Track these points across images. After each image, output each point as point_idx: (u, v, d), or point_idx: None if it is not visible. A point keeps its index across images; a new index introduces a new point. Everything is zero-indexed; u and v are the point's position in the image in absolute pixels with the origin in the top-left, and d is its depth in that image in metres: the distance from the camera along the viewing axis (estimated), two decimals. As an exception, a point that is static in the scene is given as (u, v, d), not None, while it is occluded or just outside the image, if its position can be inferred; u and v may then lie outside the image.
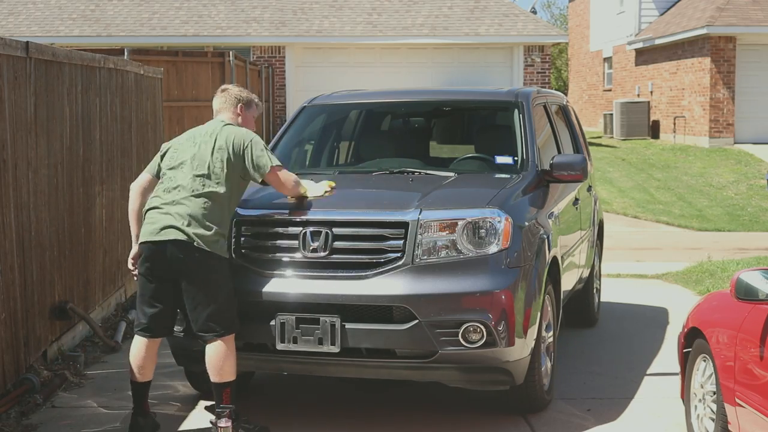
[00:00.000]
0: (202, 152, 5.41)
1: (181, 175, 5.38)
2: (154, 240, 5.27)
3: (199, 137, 5.52)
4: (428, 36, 23.76)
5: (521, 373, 5.46)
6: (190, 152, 5.44)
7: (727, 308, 4.79)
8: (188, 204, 5.27)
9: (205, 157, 5.39)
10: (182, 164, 5.41)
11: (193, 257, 5.21)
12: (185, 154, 5.44)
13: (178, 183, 5.36)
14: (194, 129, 5.67)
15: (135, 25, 23.82)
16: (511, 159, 6.56)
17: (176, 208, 5.27)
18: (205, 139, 5.48)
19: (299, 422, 5.72)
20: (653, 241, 13.70)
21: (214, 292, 5.26)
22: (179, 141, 5.59)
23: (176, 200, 5.30)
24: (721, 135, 22.84)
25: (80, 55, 7.33)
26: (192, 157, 5.41)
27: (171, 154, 5.52)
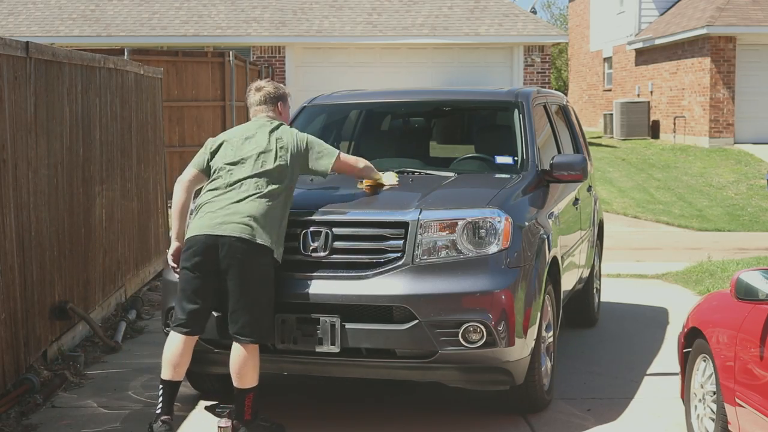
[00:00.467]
0: (264, 150, 5.39)
1: (242, 171, 5.33)
2: (212, 234, 5.17)
3: (257, 135, 5.48)
4: (428, 36, 23.76)
5: (521, 373, 5.46)
6: (250, 149, 5.39)
7: (727, 308, 4.79)
8: (252, 202, 5.23)
9: (269, 156, 5.37)
10: (243, 160, 5.36)
11: (250, 256, 5.15)
12: (245, 151, 5.39)
13: (239, 179, 5.31)
14: (245, 126, 5.62)
15: (135, 25, 23.83)
16: (511, 159, 6.56)
17: (240, 205, 5.22)
18: (265, 138, 5.46)
19: (299, 422, 5.72)
20: (653, 241, 13.70)
21: (260, 294, 5.19)
22: (234, 136, 5.52)
23: (240, 197, 5.25)
24: (721, 135, 22.84)
25: (80, 55, 7.34)
26: (255, 155, 5.37)
27: (227, 151, 5.44)
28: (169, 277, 5.77)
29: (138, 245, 9.11)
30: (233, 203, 5.23)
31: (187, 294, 5.26)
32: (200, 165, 5.52)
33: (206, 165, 5.50)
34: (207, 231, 5.18)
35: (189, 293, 5.25)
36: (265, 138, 5.46)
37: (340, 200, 5.96)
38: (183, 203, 5.46)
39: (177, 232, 5.47)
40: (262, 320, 5.19)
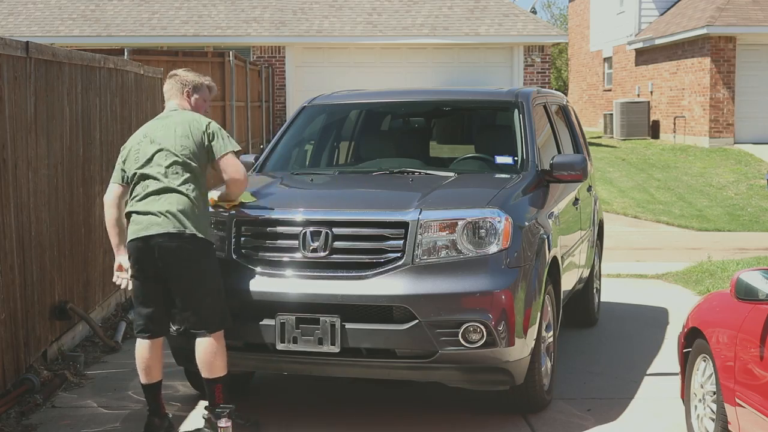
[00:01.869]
0: (165, 143, 5.32)
1: (152, 171, 5.29)
2: (141, 236, 5.22)
3: (155, 130, 5.42)
4: (428, 36, 23.76)
5: (521, 373, 5.46)
6: (152, 147, 5.34)
7: (727, 308, 4.79)
8: (168, 195, 5.23)
9: (171, 147, 5.30)
10: (149, 161, 5.32)
11: (182, 247, 5.19)
12: (148, 151, 5.34)
13: (151, 178, 5.28)
14: (145, 126, 5.56)
15: (135, 25, 23.83)
16: (511, 159, 6.56)
17: (158, 202, 5.23)
18: (164, 131, 5.39)
19: (299, 422, 5.72)
20: (653, 241, 13.70)
21: (203, 284, 5.26)
22: (136, 140, 5.46)
23: (156, 195, 5.25)
24: (721, 135, 22.84)
25: (80, 55, 7.34)
26: (157, 151, 5.32)
27: (133, 156, 5.40)
28: None
29: (138, 245, 9.10)
30: (153, 202, 5.22)
31: (140, 300, 5.35)
32: (117, 178, 5.46)
33: (122, 175, 5.44)
34: (138, 234, 5.22)
35: (141, 298, 5.34)
36: (165, 131, 5.36)
37: (340, 200, 5.97)
38: (113, 219, 5.42)
39: (116, 246, 5.44)
40: (212, 309, 5.27)
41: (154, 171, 5.29)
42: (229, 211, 5.60)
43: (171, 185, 5.24)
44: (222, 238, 5.57)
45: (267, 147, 7.10)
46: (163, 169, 5.27)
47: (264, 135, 21.68)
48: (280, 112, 23.61)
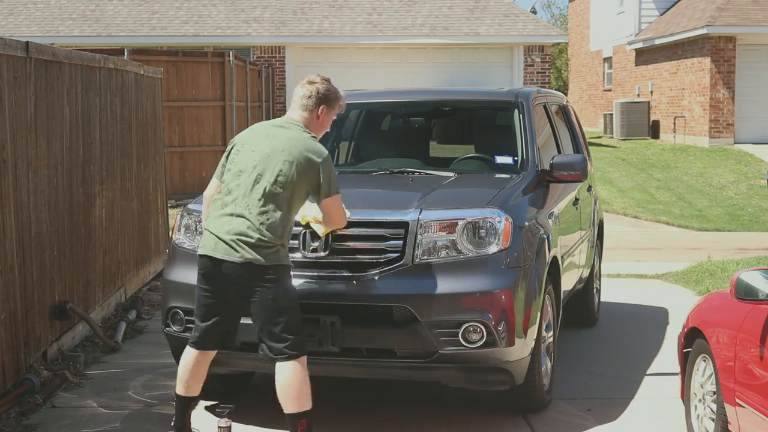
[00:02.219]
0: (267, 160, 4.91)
1: (241, 183, 4.96)
2: (215, 257, 4.91)
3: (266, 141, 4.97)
4: (428, 36, 23.76)
5: (521, 373, 5.46)
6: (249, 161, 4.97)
7: (727, 308, 4.79)
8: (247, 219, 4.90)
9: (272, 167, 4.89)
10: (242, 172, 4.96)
11: (260, 278, 4.84)
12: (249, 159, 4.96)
13: (237, 191, 4.96)
14: (256, 128, 5.14)
15: (135, 25, 23.83)
16: (511, 159, 6.56)
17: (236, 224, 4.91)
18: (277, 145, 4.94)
19: (299, 422, 5.71)
20: (653, 241, 13.70)
21: (287, 308, 4.90)
22: (244, 140, 5.06)
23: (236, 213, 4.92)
24: (721, 135, 22.84)
25: (80, 55, 7.33)
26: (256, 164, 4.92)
27: (234, 157, 5.06)
28: (170, 277, 5.76)
29: (138, 245, 9.11)
30: (226, 223, 4.85)
31: (204, 312, 5.03)
32: (219, 174, 5.11)
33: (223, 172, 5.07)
34: (210, 253, 4.88)
35: (205, 312, 5.03)
36: (275, 145, 4.92)
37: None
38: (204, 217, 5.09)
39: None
40: (297, 332, 4.91)
41: (241, 184, 4.89)
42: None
43: (253, 207, 4.83)
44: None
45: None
46: (250, 186, 4.85)
47: (264, 135, 21.65)
48: (280, 112, 23.61)
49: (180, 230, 5.81)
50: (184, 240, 5.76)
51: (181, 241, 5.78)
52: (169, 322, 5.68)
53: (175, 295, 5.64)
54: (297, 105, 5.09)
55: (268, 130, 5.05)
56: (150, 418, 5.82)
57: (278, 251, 4.85)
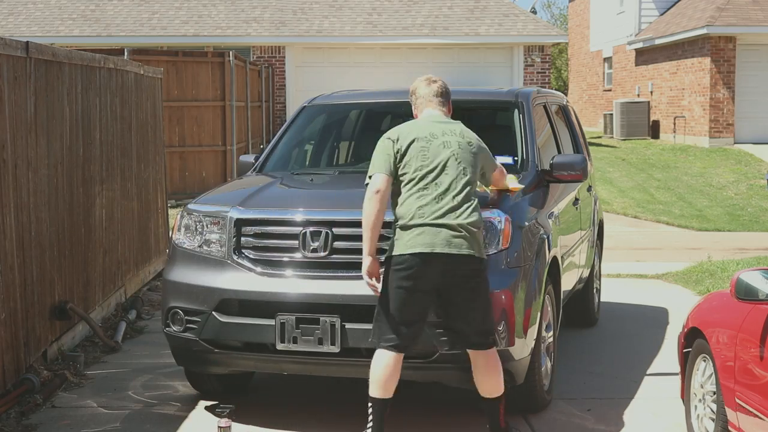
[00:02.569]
0: (457, 152, 5.03)
1: (442, 178, 4.97)
2: (432, 252, 4.88)
3: (446, 135, 5.08)
4: (428, 36, 23.76)
5: (521, 373, 5.46)
6: (445, 151, 5.02)
7: (727, 308, 4.79)
8: (461, 212, 4.95)
9: (463, 158, 5.03)
10: (439, 165, 4.99)
11: (471, 269, 4.94)
12: (441, 154, 5.01)
13: (441, 185, 4.96)
14: (424, 122, 5.16)
15: (135, 25, 23.83)
16: (511, 159, 6.55)
17: (452, 218, 4.91)
18: (455, 138, 5.09)
19: (299, 422, 5.72)
20: (653, 241, 13.70)
21: (486, 299, 5.05)
22: (420, 135, 5.05)
23: (448, 207, 4.93)
24: (721, 135, 22.84)
25: (80, 55, 7.34)
26: (451, 157, 5.01)
27: (418, 153, 5.00)
28: (170, 277, 5.76)
29: (138, 245, 9.12)
30: (441, 215, 4.90)
31: (404, 315, 4.91)
32: (389, 169, 4.99)
33: (394, 168, 5.01)
34: (424, 249, 4.86)
35: (406, 315, 4.92)
36: (455, 138, 5.08)
37: (340, 200, 5.96)
38: (378, 215, 4.92)
39: (371, 248, 4.96)
40: (492, 322, 5.09)
41: (443, 179, 4.96)
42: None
43: (460, 199, 4.94)
44: (221, 238, 5.57)
45: (267, 147, 7.10)
46: (452, 179, 4.96)
47: (264, 135, 21.68)
48: (280, 112, 23.61)
49: (180, 230, 5.81)
50: (184, 240, 5.76)
51: (181, 241, 5.78)
52: (169, 322, 5.68)
53: (175, 295, 5.64)
54: (432, 102, 5.29)
55: (435, 127, 5.14)
56: (150, 418, 5.82)
57: (481, 241, 5.04)
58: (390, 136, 5.09)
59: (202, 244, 5.66)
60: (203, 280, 5.55)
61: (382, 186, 4.93)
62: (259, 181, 6.38)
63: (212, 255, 5.59)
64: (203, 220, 5.70)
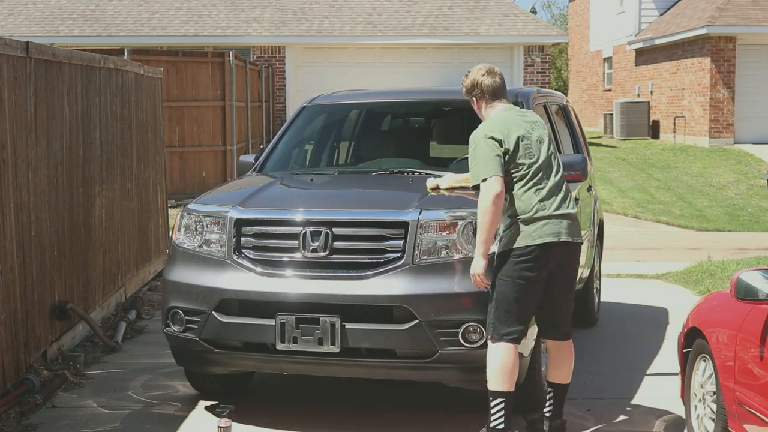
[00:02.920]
0: (550, 144, 5.28)
1: (547, 172, 5.18)
2: (551, 242, 5.05)
3: (535, 129, 5.25)
4: (428, 36, 23.76)
5: (521, 373, 5.45)
6: (541, 146, 5.20)
7: (727, 308, 4.79)
8: (568, 202, 5.21)
9: (552, 151, 5.27)
10: (540, 159, 5.17)
11: (576, 257, 5.31)
12: (539, 148, 5.19)
13: (547, 179, 5.18)
14: (509, 118, 5.23)
15: (135, 25, 23.83)
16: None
17: (563, 209, 5.14)
18: (543, 131, 5.28)
19: (299, 422, 5.72)
20: (653, 241, 13.70)
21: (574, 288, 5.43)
22: (520, 132, 5.17)
23: (559, 199, 5.15)
24: (721, 135, 22.84)
25: (80, 55, 7.34)
26: (546, 150, 5.21)
27: (522, 150, 5.13)
28: (170, 277, 5.76)
29: (138, 245, 9.12)
30: (558, 206, 5.12)
31: (525, 305, 5.07)
32: (501, 170, 5.05)
33: (503, 168, 5.08)
34: (552, 239, 5.05)
35: (526, 304, 5.08)
36: (543, 132, 5.27)
37: (340, 200, 5.97)
38: (497, 219, 5.01)
39: (487, 250, 5.03)
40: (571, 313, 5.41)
41: (547, 173, 5.17)
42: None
43: (562, 191, 5.20)
44: (221, 238, 5.57)
45: (267, 147, 7.11)
46: (554, 173, 5.20)
47: (264, 135, 21.68)
48: (280, 112, 23.61)
49: (180, 230, 5.81)
50: (184, 240, 5.76)
51: (181, 241, 5.78)
52: (169, 322, 5.68)
53: (175, 295, 5.64)
54: (498, 94, 5.36)
55: (519, 118, 5.27)
56: (150, 418, 5.82)
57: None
58: (494, 136, 5.11)
59: (202, 244, 5.66)
60: (203, 280, 5.55)
61: (500, 188, 5.00)
62: (259, 181, 6.38)
63: (212, 255, 5.59)
64: (203, 220, 5.70)
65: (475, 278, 5.07)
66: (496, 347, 5.06)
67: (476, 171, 5.07)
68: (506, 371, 5.04)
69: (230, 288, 5.44)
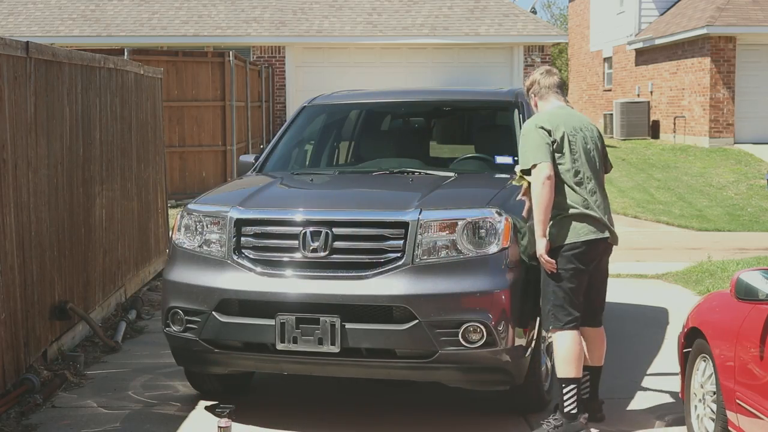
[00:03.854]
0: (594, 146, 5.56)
1: (589, 168, 5.48)
2: (599, 237, 5.41)
3: (583, 128, 5.54)
4: (428, 36, 23.75)
5: (521, 373, 5.46)
6: (587, 145, 5.49)
7: (727, 308, 4.79)
8: (605, 199, 5.57)
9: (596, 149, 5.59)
10: (584, 155, 5.47)
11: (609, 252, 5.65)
12: (584, 146, 5.48)
13: (590, 176, 5.47)
14: (559, 113, 5.53)
15: (135, 25, 23.82)
16: (510, 159, 6.56)
17: (604, 204, 5.53)
18: (591, 130, 5.58)
19: (299, 422, 5.72)
20: (653, 241, 13.69)
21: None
22: (567, 127, 5.46)
23: (600, 195, 5.49)
24: (721, 135, 22.83)
25: (80, 55, 7.34)
26: (592, 148, 5.52)
27: (569, 145, 5.43)
28: (170, 277, 5.76)
29: (138, 245, 9.12)
30: (600, 202, 5.46)
31: (578, 293, 5.38)
32: (550, 157, 5.36)
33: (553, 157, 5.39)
34: (595, 236, 5.38)
35: (579, 293, 5.39)
36: (589, 133, 5.53)
37: (340, 200, 5.97)
38: (550, 200, 5.32)
39: (544, 229, 5.34)
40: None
41: (589, 169, 5.44)
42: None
43: (601, 188, 5.51)
44: (221, 238, 5.57)
45: (267, 147, 7.11)
46: (595, 169, 5.48)
47: (264, 135, 21.68)
48: (280, 112, 23.61)
49: (180, 230, 5.81)
50: (184, 240, 5.76)
51: (181, 241, 5.78)
52: (169, 322, 5.68)
53: (175, 295, 5.64)
54: (555, 92, 5.66)
55: (573, 119, 5.53)
56: (150, 418, 5.82)
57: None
58: (543, 126, 5.41)
59: (202, 244, 5.66)
60: (203, 280, 5.55)
61: (550, 172, 5.30)
62: (259, 181, 6.38)
63: (212, 255, 5.59)
64: (203, 220, 5.70)
65: (541, 260, 5.35)
66: (561, 336, 5.36)
67: (526, 157, 5.39)
68: (575, 356, 5.33)
69: (230, 288, 5.43)
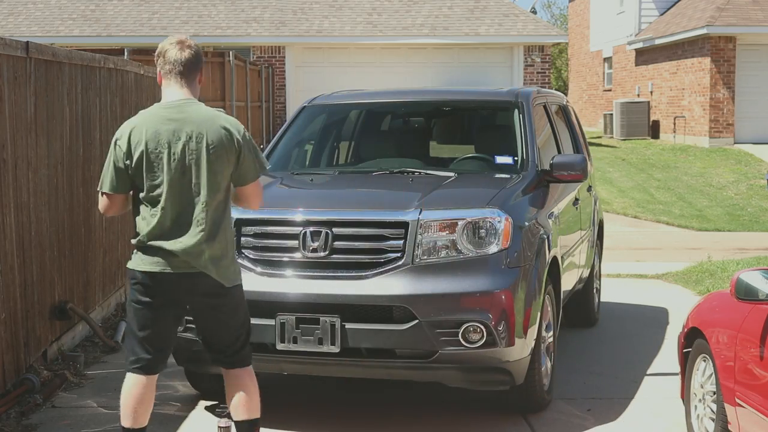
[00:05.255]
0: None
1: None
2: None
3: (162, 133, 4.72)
4: (428, 36, 23.75)
5: (521, 373, 5.46)
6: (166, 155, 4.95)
7: (727, 308, 4.79)
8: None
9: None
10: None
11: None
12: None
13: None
14: (146, 119, 4.73)
15: (135, 25, 23.82)
16: (511, 159, 6.57)
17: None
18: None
19: (299, 422, 5.72)
20: (653, 241, 13.70)
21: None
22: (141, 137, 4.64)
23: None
24: (721, 135, 22.83)
25: (80, 55, 7.33)
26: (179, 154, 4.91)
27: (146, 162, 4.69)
28: None
29: (138, 245, 9.10)
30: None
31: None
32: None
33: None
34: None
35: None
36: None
37: (340, 200, 5.97)
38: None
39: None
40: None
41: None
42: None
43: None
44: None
45: (267, 147, 7.11)
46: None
47: (264, 135, 21.67)
48: (280, 112, 23.60)
49: (180, 230, 5.79)
50: (184, 240, 5.74)
51: (181, 241, 5.76)
52: None
53: None
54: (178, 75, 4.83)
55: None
56: (150, 418, 5.81)
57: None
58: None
59: (202, 244, 5.64)
60: (203, 280, 5.53)
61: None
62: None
63: (212, 255, 5.57)
64: (203, 220, 5.68)
65: None
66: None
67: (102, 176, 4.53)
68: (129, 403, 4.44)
69: (230, 288, 5.42)
